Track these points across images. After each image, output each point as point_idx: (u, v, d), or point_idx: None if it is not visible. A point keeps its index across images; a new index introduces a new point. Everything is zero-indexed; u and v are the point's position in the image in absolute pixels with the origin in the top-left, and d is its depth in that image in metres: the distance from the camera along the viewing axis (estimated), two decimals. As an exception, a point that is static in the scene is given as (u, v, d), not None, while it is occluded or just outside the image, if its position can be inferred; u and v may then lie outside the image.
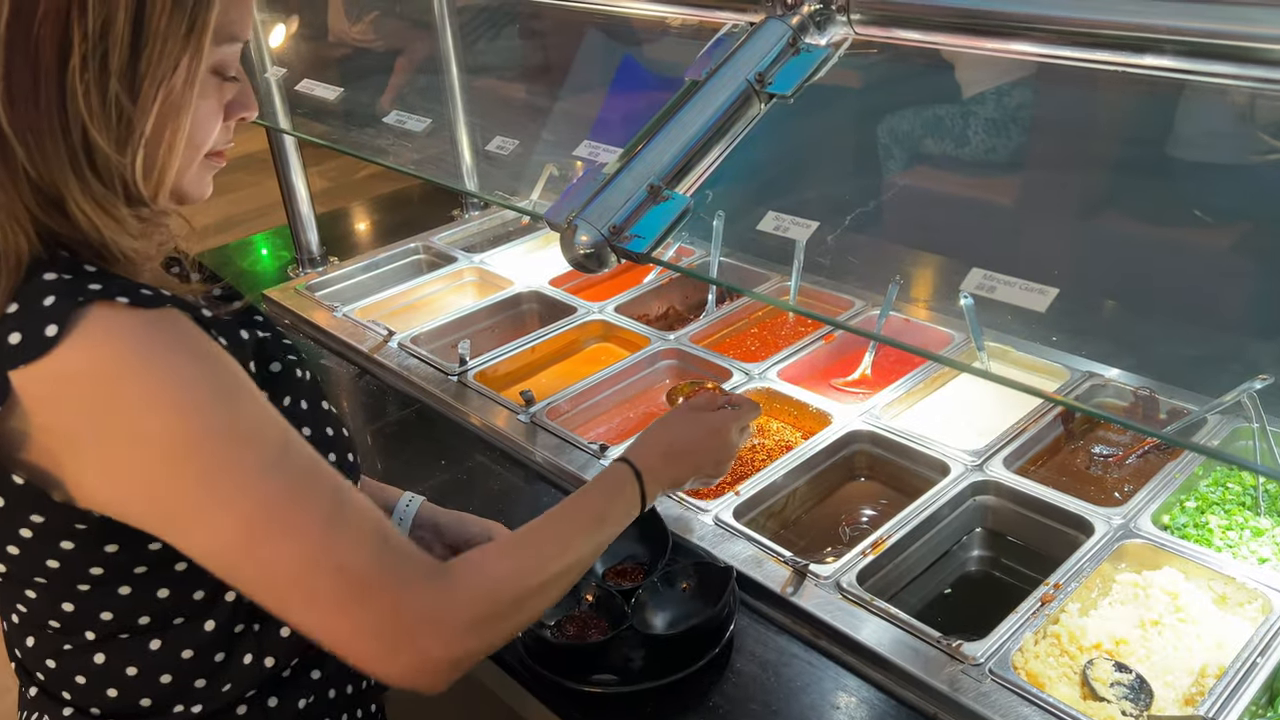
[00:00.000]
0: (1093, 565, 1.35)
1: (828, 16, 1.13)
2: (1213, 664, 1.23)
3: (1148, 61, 1.09)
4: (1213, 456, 1.45)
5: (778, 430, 1.77)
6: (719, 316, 2.09)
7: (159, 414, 0.80)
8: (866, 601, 1.33)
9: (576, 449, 1.68)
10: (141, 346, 0.80)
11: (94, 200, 0.84)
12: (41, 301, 0.80)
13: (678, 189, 1.07)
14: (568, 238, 1.03)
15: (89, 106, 0.81)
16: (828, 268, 2.05)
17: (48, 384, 0.79)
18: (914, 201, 2.85)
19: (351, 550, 0.85)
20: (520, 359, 1.99)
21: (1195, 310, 1.67)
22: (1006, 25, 1.08)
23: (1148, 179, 2.06)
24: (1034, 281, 0.98)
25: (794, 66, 1.10)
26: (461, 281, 2.33)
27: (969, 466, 1.55)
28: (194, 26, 0.83)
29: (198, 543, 0.84)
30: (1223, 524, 1.44)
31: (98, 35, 0.79)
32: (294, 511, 0.84)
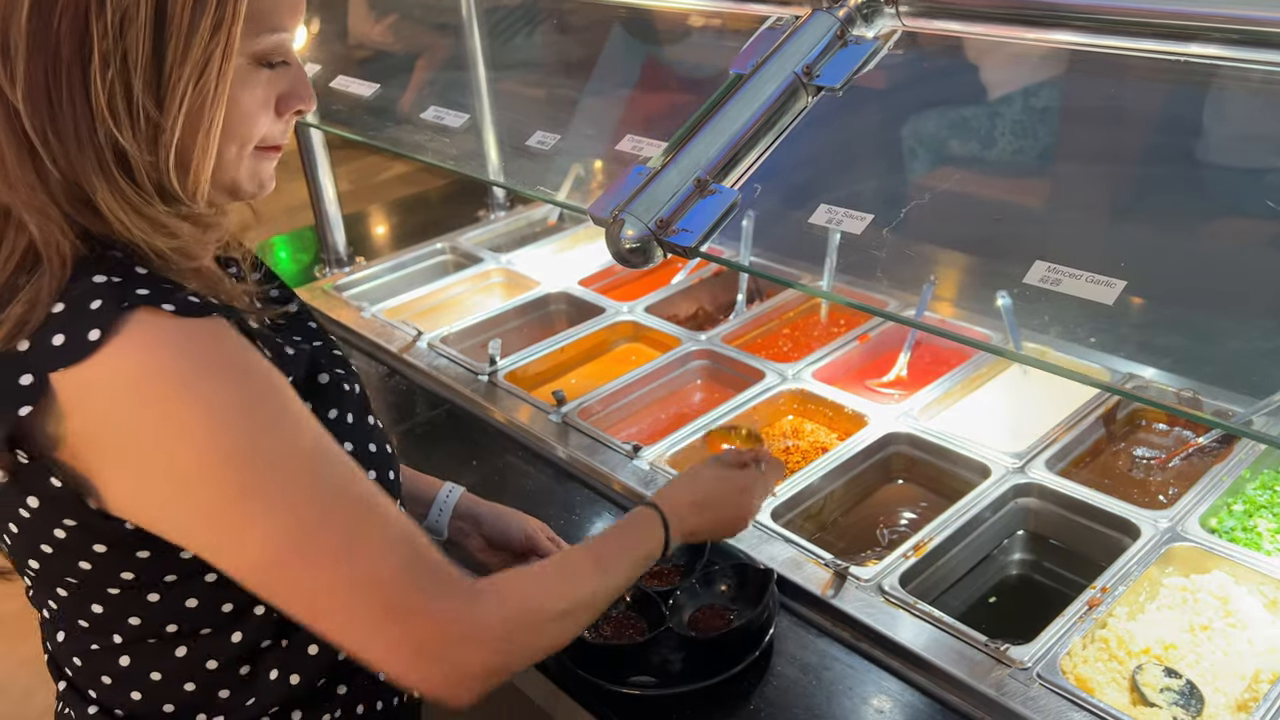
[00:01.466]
0: (1140, 569, 1.33)
1: (875, 9, 1.11)
2: (1266, 669, 1.20)
3: (1195, 50, 1.07)
4: (1272, 443, 1.41)
5: (812, 432, 1.75)
6: (750, 317, 2.07)
7: (194, 429, 0.78)
8: (910, 605, 1.30)
9: (609, 449, 1.67)
10: (182, 357, 0.79)
11: (124, 200, 0.81)
12: (88, 304, 0.78)
13: (725, 182, 1.05)
14: (614, 232, 1.02)
15: (112, 106, 0.78)
16: (860, 267, 2.04)
17: (85, 389, 0.78)
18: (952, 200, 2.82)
19: (385, 568, 0.83)
20: (550, 359, 1.97)
21: (1243, 308, 1.64)
22: (1054, 15, 1.06)
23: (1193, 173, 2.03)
24: (1101, 274, 0.95)
25: (842, 59, 1.09)
26: (489, 282, 2.32)
27: (1010, 469, 1.52)
28: (222, 19, 0.79)
29: (228, 559, 0.83)
30: (1272, 527, 1.42)
31: (117, 30, 0.76)
32: (328, 530, 0.82)
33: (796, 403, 1.79)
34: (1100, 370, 1.72)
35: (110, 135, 0.79)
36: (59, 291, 0.80)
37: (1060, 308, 1.60)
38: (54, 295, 0.80)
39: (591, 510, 1.60)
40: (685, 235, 1.00)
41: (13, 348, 0.79)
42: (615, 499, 1.61)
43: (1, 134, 0.79)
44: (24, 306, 0.79)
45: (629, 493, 1.59)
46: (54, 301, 0.79)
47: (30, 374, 0.78)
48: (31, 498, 0.83)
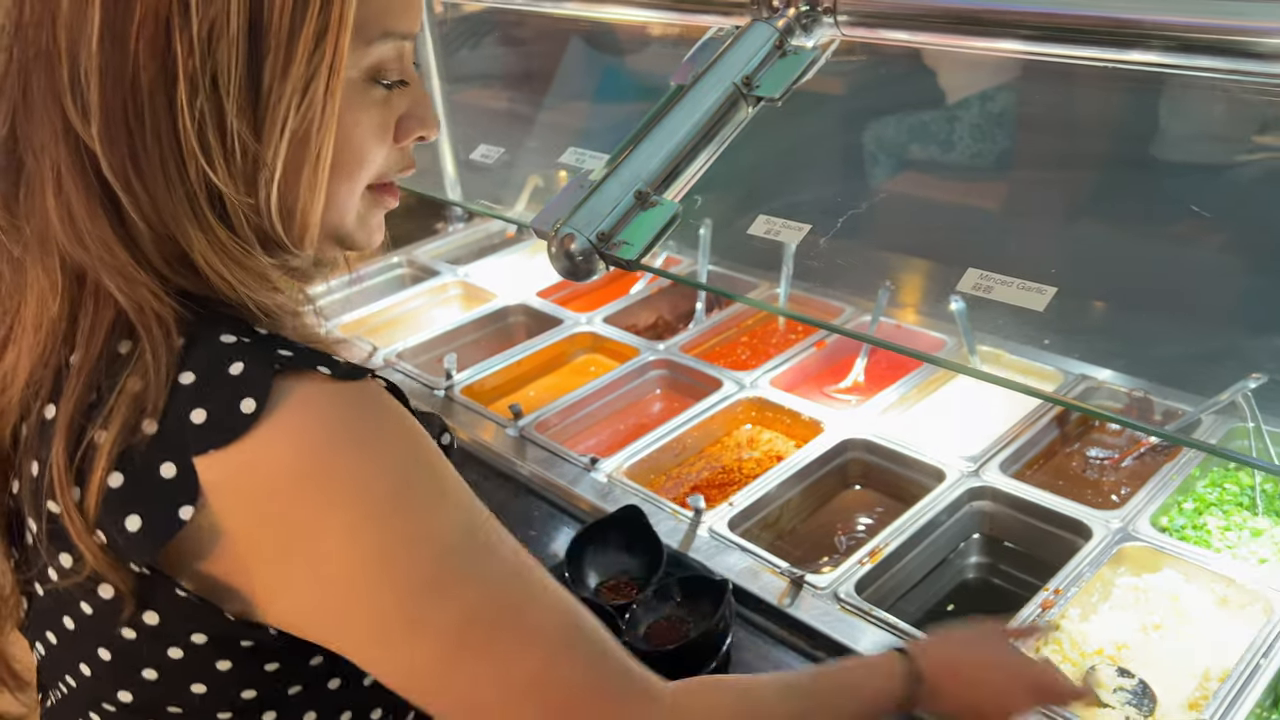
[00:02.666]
0: (1092, 570, 1.34)
1: (814, 18, 1.12)
2: (1216, 667, 1.21)
3: (1134, 57, 1.08)
4: (1213, 453, 1.43)
5: (769, 440, 1.75)
6: (709, 326, 2.07)
7: (373, 510, 0.66)
8: (865, 611, 1.30)
9: (566, 462, 1.66)
10: (350, 429, 0.66)
11: (223, 252, 0.68)
12: (227, 369, 0.66)
13: (666, 195, 1.05)
14: (554, 246, 1.01)
15: (203, 138, 0.65)
16: (817, 273, 2.05)
17: (239, 472, 0.65)
18: (903, 206, 2.85)
19: (569, 667, 0.73)
20: (508, 372, 1.96)
21: (1188, 310, 1.66)
22: (993, 23, 1.07)
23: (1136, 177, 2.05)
24: (1031, 281, 0.96)
25: (781, 69, 1.09)
26: (446, 295, 2.30)
27: (965, 472, 1.53)
28: (327, 24, 0.66)
29: (392, 661, 0.71)
30: (1221, 525, 1.43)
31: (205, 46, 0.64)
32: (505, 621, 0.71)
33: (754, 411, 1.79)
34: (1054, 373, 1.74)
35: (202, 174, 0.66)
36: (180, 357, 0.66)
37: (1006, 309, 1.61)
38: (176, 363, 0.66)
39: (550, 525, 1.59)
40: (626, 248, 0.99)
41: (140, 432, 0.65)
42: (574, 513, 1.60)
43: (71, 182, 0.66)
44: (140, 380, 0.65)
45: (588, 506, 1.58)
46: (179, 370, 0.66)
47: (172, 462, 0.64)
48: (149, 614, 0.68)
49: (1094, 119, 2.11)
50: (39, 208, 0.68)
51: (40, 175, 0.67)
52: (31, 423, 0.71)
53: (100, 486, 0.65)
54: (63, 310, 0.69)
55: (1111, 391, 1.69)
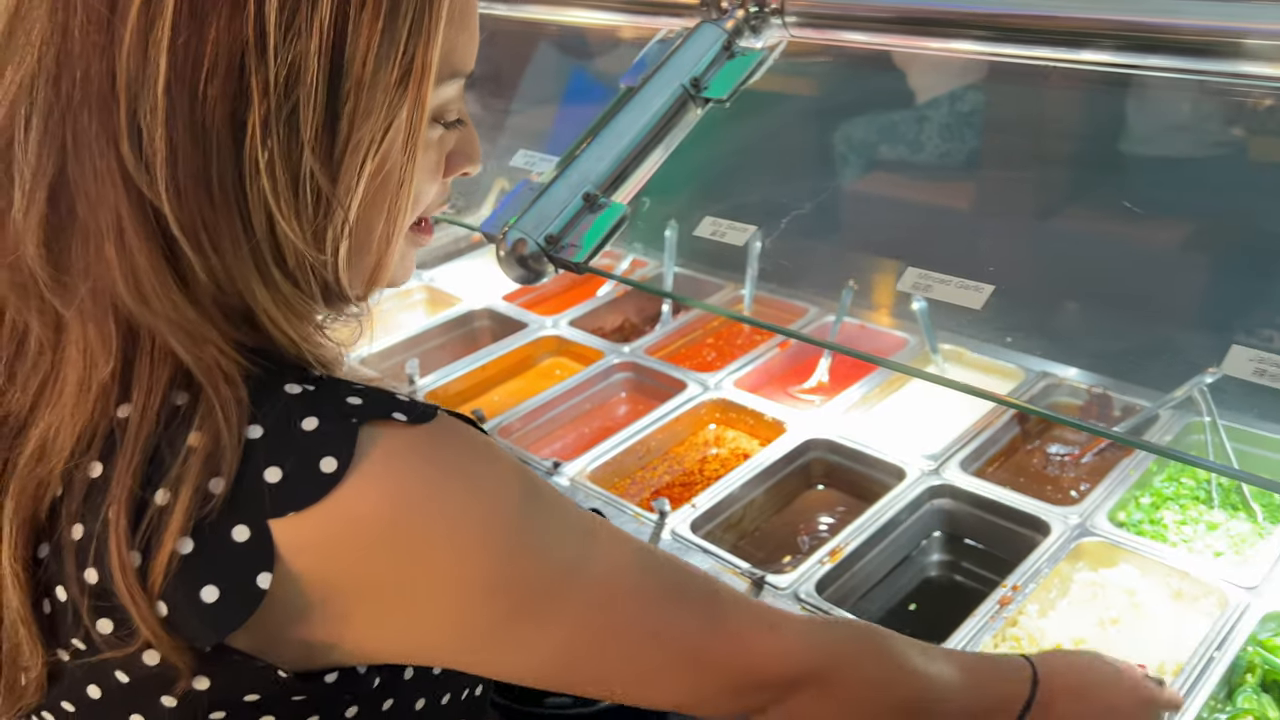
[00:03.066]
0: (1050, 565, 1.34)
1: (763, 20, 1.12)
2: (1170, 661, 1.22)
3: (1084, 56, 1.09)
4: (1162, 454, 1.44)
5: (734, 439, 1.75)
6: (675, 328, 2.07)
7: (471, 547, 0.64)
8: (824, 611, 1.31)
9: (530, 467, 1.64)
10: (439, 472, 0.64)
11: (287, 308, 0.65)
12: (299, 423, 0.62)
13: (615, 197, 1.05)
14: (503, 249, 1.01)
15: (274, 187, 0.61)
16: (781, 274, 2.05)
17: (330, 533, 0.61)
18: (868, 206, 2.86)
19: (695, 626, 0.74)
20: (472, 377, 1.95)
21: (1146, 306, 1.68)
22: (940, 24, 1.08)
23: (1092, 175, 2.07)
24: (970, 280, 0.96)
25: (729, 70, 1.09)
26: (411, 300, 2.29)
27: (925, 470, 1.54)
28: (410, 68, 0.63)
29: (512, 664, 0.70)
30: (1177, 519, 1.44)
31: (283, 90, 0.59)
32: (620, 605, 0.71)
33: (718, 412, 1.79)
34: (1015, 370, 1.75)
35: (270, 227, 0.62)
36: (247, 410, 0.62)
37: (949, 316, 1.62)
38: (244, 416, 0.62)
39: (512, 529, 1.58)
40: (573, 250, 0.99)
41: (208, 493, 0.60)
42: (536, 516, 1.59)
43: (135, 237, 0.61)
44: (207, 438, 0.61)
45: (549, 510, 1.57)
46: (247, 424, 0.62)
47: (245, 525, 0.60)
48: (201, 679, 0.63)
49: (1056, 118, 2.13)
50: (96, 263, 0.62)
51: (97, 228, 0.61)
52: (75, 482, 0.64)
53: (171, 554, 0.60)
54: (115, 371, 0.63)
55: (1072, 388, 1.71)
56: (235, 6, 0.58)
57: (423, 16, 0.63)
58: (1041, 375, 1.72)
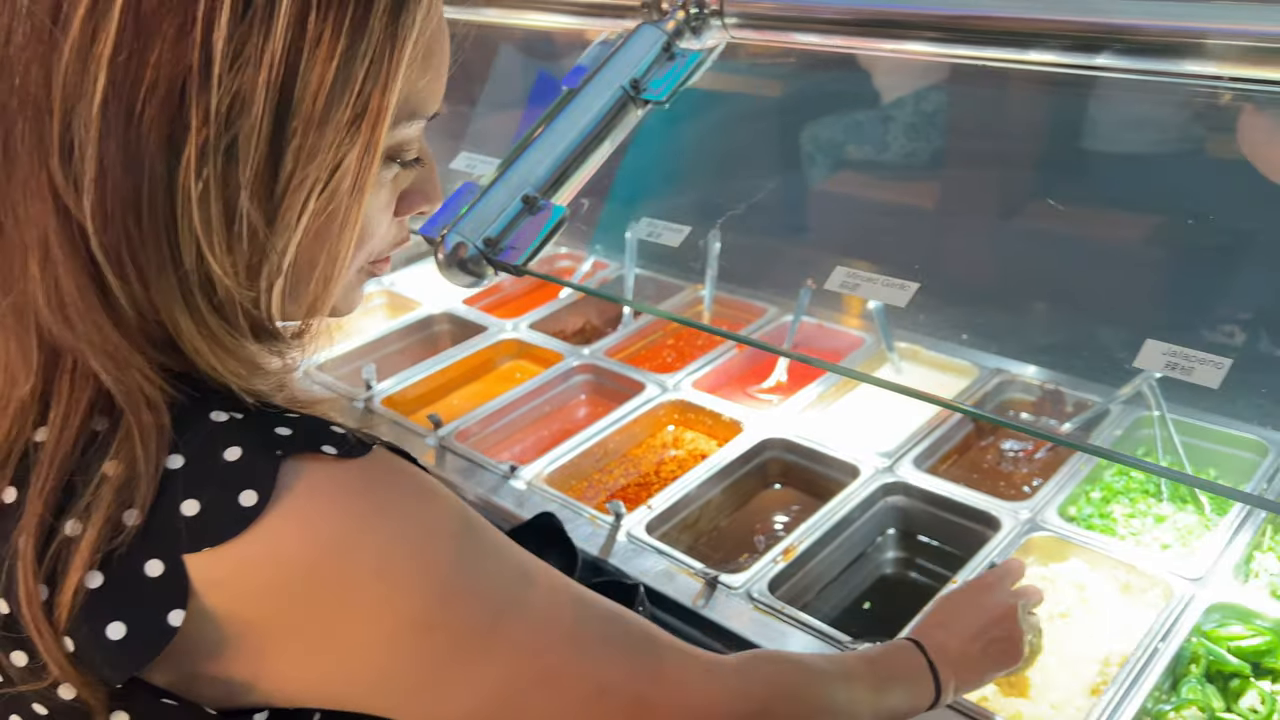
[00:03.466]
0: (999, 561, 1.35)
1: (703, 21, 1.12)
2: (1116, 652, 1.24)
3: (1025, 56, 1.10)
4: (1105, 457, 1.46)
5: (692, 440, 1.76)
6: (635, 329, 2.07)
7: (399, 589, 0.61)
8: (777, 610, 1.31)
9: (486, 470, 1.65)
10: (367, 508, 0.61)
11: (213, 341, 0.62)
12: (221, 453, 0.59)
13: (555, 199, 1.05)
14: (441, 252, 1.01)
15: (206, 219, 0.58)
16: (740, 274, 2.06)
17: (248, 569, 0.58)
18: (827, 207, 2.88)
19: (635, 673, 0.73)
20: (431, 381, 1.95)
21: (1097, 302, 1.70)
22: (879, 25, 1.08)
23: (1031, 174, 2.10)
24: (895, 277, 0.97)
25: (670, 72, 1.09)
26: (371, 305, 2.28)
27: (879, 468, 1.55)
28: (365, 110, 0.60)
29: (443, 712, 0.67)
30: (1126, 513, 1.46)
31: (224, 120, 0.57)
32: (556, 651, 0.68)
33: (677, 413, 1.80)
34: (970, 367, 1.76)
35: (198, 257, 0.60)
36: (169, 439, 0.59)
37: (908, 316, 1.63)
38: (165, 444, 0.59)
39: (469, 533, 1.58)
40: (512, 253, 0.99)
41: (120, 524, 0.58)
42: (494, 522, 1.59)
43: (60, 256, 0.59)
44: (123, 465, 0.59)
45: (506, 514, 1.57)
46: (168, 453, 0.59)
47: (159, 559, 0.58)
48: (120, 715, 0.61)
49: (999, 118, 2.15)
50: (20, 278, 0.60)
51: (23, 242, 0.59)
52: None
53: (77, 588, 0.57)
54: (35, 390, 0.61)
55: (1025, 385, 1.72)
56: (182, 30, 0.56)
57: (383, 58, 0.60)
58: (995, 372, 1.73)
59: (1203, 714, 1.15)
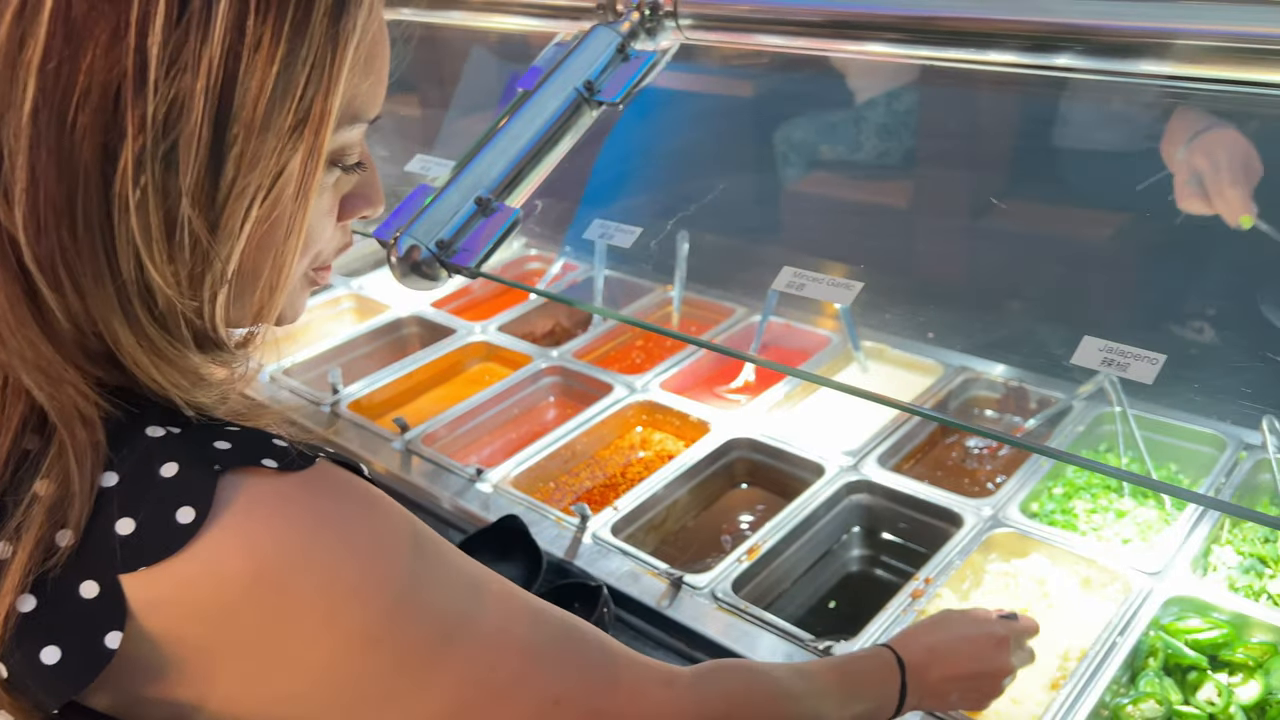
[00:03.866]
0: (962, 557, 1.36)
1: (657, 23, 1.12)
2: (1075, 647, 1.25)
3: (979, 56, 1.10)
4: (1063, 460, 1.48)
5: (660, 441, 1.76)
6: (604, 330, 2.07)
7: (345, 604, 0.60)
8: (740, 609, 1.31)
9: (452, 474, 1.64)
10: (311, 522, 0.59)
11: (154, 353, 0.60)
12: (157, 471, 0.58)
13: (509, 200, 1.04)
14: (395, 255, 1.00)
15: (145, 228, 0.57)
16: (710, 276, 2.07)
17: (186, 589, 0.57)
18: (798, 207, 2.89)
19: (592, 685, 0.72)
20: (399, 385, 1.94)
21: (1045, 299, 1.71)
22: (830, 26, 1.09)
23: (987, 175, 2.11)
24: (841, 277, 0.98)
25: (623, 73, 1.09)
26: (339, 308, 2.27)
27: (844, 466, 1.55)
28: (307, 115, 0.59)
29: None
30: (1088, 508, 1.47)
31: (162, 125, 0.55)
32: (510, 664, 0.67)
33: (645, 414, 1.80)
34: (935, 365, 1.77)
35: (137, 267, 0.58)
36: (104, 456, 0.58)
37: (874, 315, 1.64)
38: (99, 462, 0.58)
39: (435, 537, 1.57)
40: (466, 255, 0.98)
41: (53, 545, 0.56)
42: (459, 525, 1.59)
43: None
44: (55, 485, 0.57)
45: (472, 518, 1.56)
46: (102, 471, 0.58)
47: (94, 581, 0.56)
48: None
49: (956, 118, 2.17)
50: None
51: None
52: None
53: (9, 612, 0.56)
54: None
55: (989, 382, 1.73)
56: (115, 35, 0.54)
57: (324, 62, 0.59)
58: (960, 370, 1.74)
59: (1160, 707, 1.16)
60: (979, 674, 1.03)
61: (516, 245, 2.37)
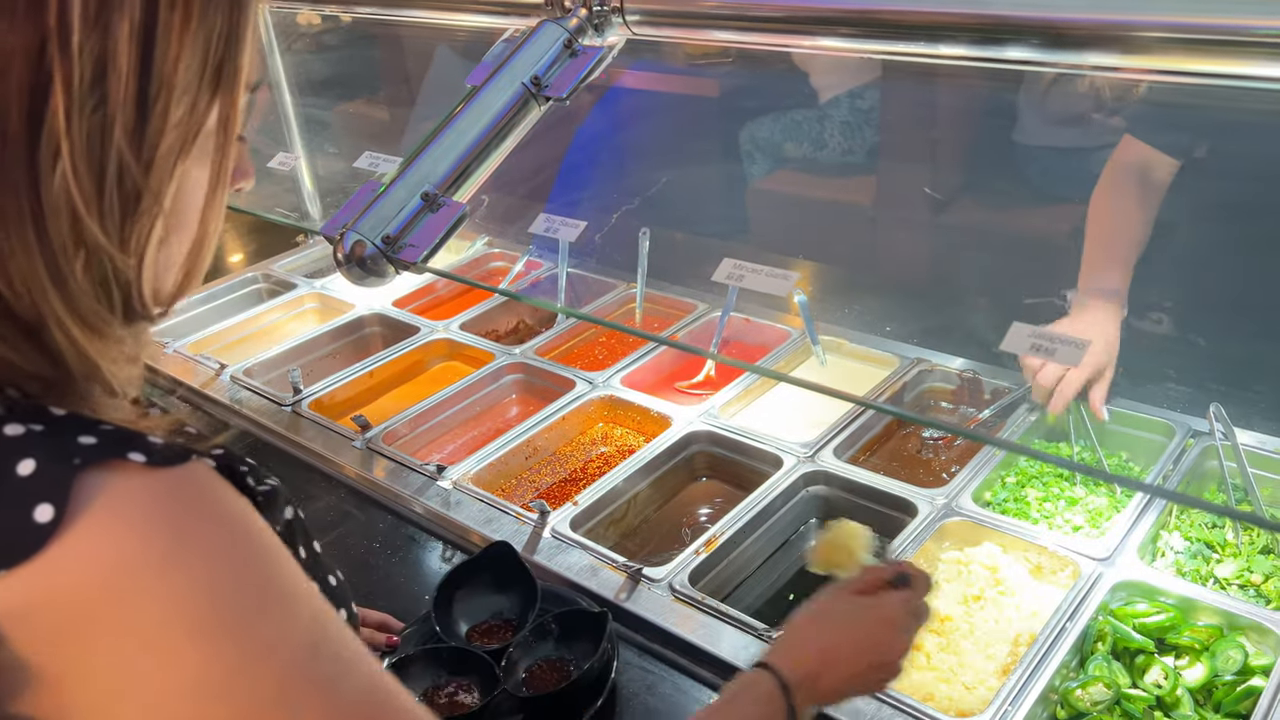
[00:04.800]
0: (915, 546, 1.38)
1: (604, 19, 1.13)
2: (1026, 632, 1.26)
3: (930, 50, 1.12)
4: (1013, 451, 1.50)
5: (621, 436, 1.76)
6: (567, 327, 2.07)
7: (202, 631, 0.57)
8: (697, 601, 1.32)
9: (413, 471, 1.64)
10: (170, 532, 0.57)
11: (82, 321, 0.59)
12: (14, 469, 0.55)
13: (456, 195, 1.05)
14: (341, 251, 1.00)
15: (80, 185, 0.57)
16: (671, 273, 2.08)
17: (44, 597, 0.54)
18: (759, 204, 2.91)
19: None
20: (360, 384, 1.93)
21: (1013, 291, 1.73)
22: (775, 21, 1.10)
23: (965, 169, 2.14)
24: (779, 268, 0.99)
25: (571, 69, 1.10)
26: (302, 309, 2.26)
27: (801, 458, 1.56)
28: (221, 71, 0.61)
29: None
30: (1040, 496, 1.49)
31: (89, 80, 0.56)
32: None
33: (606, 410, 1.80)
34: (891, 358, 1.79)
35: (71, 228, 0.57)
36: None
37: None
38: None
39: (394, 536, 1.57)
40: (411, 250, 0.99)
41: None
42: (419, 522, 1.59)
43: None
44: None
45: (431, 515, 1.56)
46: None
47: None
48: None
49: (953, 111, 2.20)
50: None
51: None
52: None
53: None
54: None
55: (944, 373, 1.75)
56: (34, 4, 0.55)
57: (234, 21, 0.62)
58: (916, 362, 1.76)
59: (1109, 690, 1.18)
60: (875, 665, 0.95)
61: (479, 244, 2.37)
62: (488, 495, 1.57)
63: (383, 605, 1.36)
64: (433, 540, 1.55)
